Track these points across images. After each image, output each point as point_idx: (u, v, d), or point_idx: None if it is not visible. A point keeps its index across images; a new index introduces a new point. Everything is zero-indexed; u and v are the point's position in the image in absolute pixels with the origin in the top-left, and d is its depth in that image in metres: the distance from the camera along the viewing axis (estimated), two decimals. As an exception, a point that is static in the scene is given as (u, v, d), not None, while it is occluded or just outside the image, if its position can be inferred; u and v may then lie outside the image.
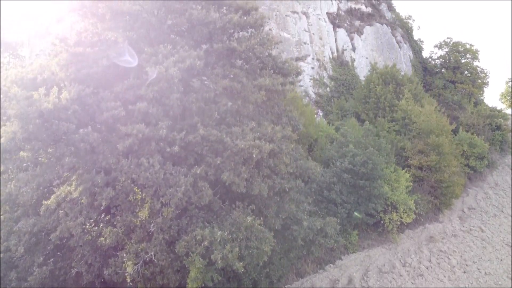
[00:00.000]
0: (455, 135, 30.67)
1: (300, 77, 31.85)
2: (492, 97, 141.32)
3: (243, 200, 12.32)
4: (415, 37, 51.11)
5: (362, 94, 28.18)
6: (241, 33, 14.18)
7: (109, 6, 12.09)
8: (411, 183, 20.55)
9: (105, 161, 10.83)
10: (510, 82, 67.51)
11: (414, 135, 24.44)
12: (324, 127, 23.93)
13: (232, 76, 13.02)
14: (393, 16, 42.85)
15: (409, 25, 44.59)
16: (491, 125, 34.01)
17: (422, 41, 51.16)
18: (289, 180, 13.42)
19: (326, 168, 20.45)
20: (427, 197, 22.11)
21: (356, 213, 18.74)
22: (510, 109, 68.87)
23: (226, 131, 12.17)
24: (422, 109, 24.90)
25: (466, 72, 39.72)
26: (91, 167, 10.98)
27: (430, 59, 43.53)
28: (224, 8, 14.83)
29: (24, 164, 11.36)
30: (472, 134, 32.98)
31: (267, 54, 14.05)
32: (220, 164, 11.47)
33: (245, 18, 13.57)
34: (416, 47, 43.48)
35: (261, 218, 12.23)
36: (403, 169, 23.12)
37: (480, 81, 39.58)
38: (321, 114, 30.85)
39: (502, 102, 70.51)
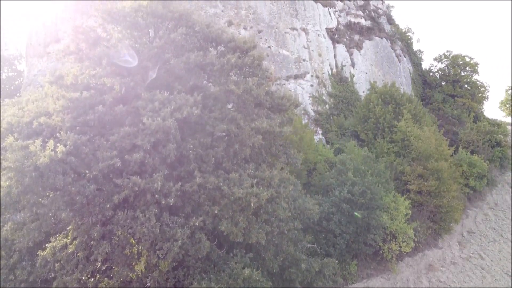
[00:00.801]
0: (455, 153, 30.61)
1: (299, 94, 31.73)
2: (492, 105, 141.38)
3: (241, 248, 12.26)
4: (415, 48, 51.11)
5: (362, 113, 28.09)
6: (239, 71, 14.12)
7: (106, 52, 12.01)
8: (410, 211, 20.46)
9: (101, 213, 10.75)
10: (510, 90, 67.57)
11: (413, 157, 24.36)
12: (323, 151, 23.84)
13: (229, 117, 12.94)
14: (393, 29, 42.77)
15: (409, 37, 44.50)
16: (491, 141, 33.92)
17: (422, 52, 51.06)
18: (287, 222, 13.36)
19: (325, 195, 20.41)
20: (426, 222, 22.04)
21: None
22: (509, 117, 68.87)
23: (223, 177, 12.11)
24: (421, 131, 24.81)
25: (466, 86, 39.62)
26: (87, 219, 10.90)
27: (430, 72, 43.42)
28: (222, 45, 14.79)
29: (21, 214, 11.28)
30: (472, 151, 32.98)
31: (264, 93, 13.96)
32: (217, 213, 11.41)
33: (243, 59, 13.48)
34: (415, 60, 43.40)
35: (259, 261, 12.18)
36: (402, 193, 23.09)
37: (480, 95, 39.51)
38: (320, 132, 30.76)
39: (502, 110, 70.57)
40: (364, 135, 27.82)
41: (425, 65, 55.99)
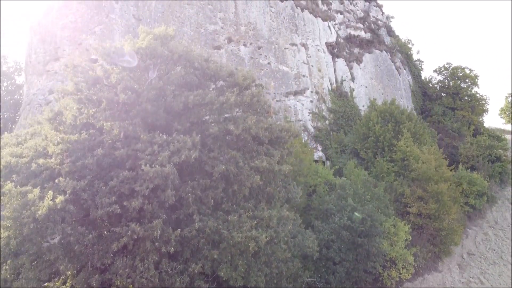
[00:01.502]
0: (455, 170, 30.61)
1: (299, 110, 31.68)
2: (492, 111, 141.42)
3: (240, 291, 12.23)
4: (415, 59, 51.10)
5: (361, 132, 28.07)
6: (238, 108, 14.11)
7: (105, 96, 11.99)
8: (410, 236, 20.43)
9: (100, 261, 10.74)
10: (510, 98, 67.56)
11: (413, 178, 24.35)
12: (323, 173, 23.81)
13: (228, 156, 12.92)
14: (393, 41, 42.73)
15: (409, 48, 44.47)
16: (491, 156, 33.89)
17: (422, 61, 51.08)
18: (287, 262, 13.36)
19: (325, 220, 20.37)
20: (426, 245, 22.01)
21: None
22: (509, 124, 68.87)
23: (223, 219, 12.10)
24: (421, 152, 24.80)
25: (466, 98, 39.59)
26: (86, 267, 10.88)
27: (429, 83, 43.38)
28: (221, 81, 14.77)
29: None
30: (472, 166, 32.98)
31: (263, 130, 13.92)
32: (216, 257, 11.41)
33: (242, 96, 13.47)
34: (415, 72, 43.38)
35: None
36: (402, 215, 23.09)
37: (480, 107, 39.48)
38: (320, 148, 30.74)
39: (501, 117, 70.65)
40: (364, 153, 27.80)
41: (425, 74, 56.05)
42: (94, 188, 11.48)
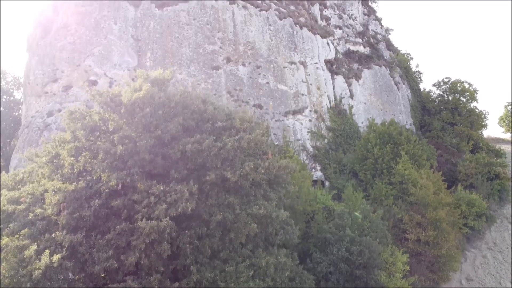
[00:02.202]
0: (453, 189, 30.65)
1: (298, 130, 31.65)
2: (491, 119, 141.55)
3: None
4: (414, 69, 51.13)
5: (360, 153, 28.08)
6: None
7: (102, 147, 11.98)
8: (408, 266, 20.41)
9: (96, 318, 10.75)
10: (510, 107, 67.51)
11: (411, 202, 24.37)
12: (321, 198, 23.79)
13: (225, 203, 12.89)
14: (392, 55, 42.71)
15: (408, 60, 44.45)
16: (490, 173, 33.90)
17: (421, 73, 51.12)
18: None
19: (323, 249, 20.36)
20: (425, 272, 22.01)
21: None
22: (508, 133, 68.84)
23: (220, 268, 12.10)
24: (419, 175, 24.80)
25: (465, 113, 39.57)
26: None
27: (429, 97, 43.33)
28: (219, 122, 14.76)
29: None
30: (470, 184, 33.01)
31: (261, 174, 13.88)
32: (213, 309, 11.42)
33: (240, 142, 13.45)
34: (414, 86, 43.38)
35: None
36: (400, 241, 23.09)
37: (479, 123, 39.48)
38: (319, 168, 30.72)
39: (501, 126, 70.65)
40: (363, 175, 27.83)
41: (424, 85, 55.97)
42: (91, 241, 11.48)
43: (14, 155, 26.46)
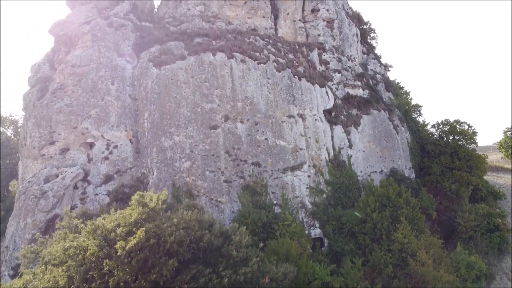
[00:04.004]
0: (451, 246, 30.52)
1: (297, 186, 31.47)
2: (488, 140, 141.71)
3: None
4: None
5: (359, 218, 27.93)
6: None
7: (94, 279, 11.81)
8: None
9: None
10: (509, 132, 67.40)
11: (411, 274, 24.22)
12: (320, 273, 23.62)
13: None
14: (391, 97, 42.54)
15: (406, 105, 44.24)
16: (489, 225, 33.78)
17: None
18: None
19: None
20: None
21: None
22: (508, 159, 68.72)
23: None
24: (419, 245, 24.66)
25: (464, 156, 39.42)
26: None
27: (428, 139, 43.16)
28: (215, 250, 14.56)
29: None
30: (470, 237, 32.89)
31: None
32: None
33: (236, 276, 13.28)
34: (414, 127, 43.21)
35: None
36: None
37: (479, 168, 39.32)
38: (317, 225, 30.55)
39: (500, 151, 70.56)
40: (361, 238, 27.66)
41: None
42: None
43: (11, 222, 26.24)
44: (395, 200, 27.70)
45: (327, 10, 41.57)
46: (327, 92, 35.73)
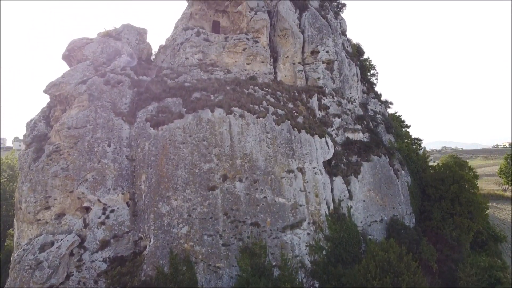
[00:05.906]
0: None
1: (296, 245, 31.10)
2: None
3: None
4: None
5: (360, 283, 27.54)
6: None
7: None
8: None
9: None
10: (510, 159, 67.22)
11: None
12: None
13: None
14: (391, 140, 42.17)
15: (408, 144, 43.91)
16: (491, 278, 33.44)
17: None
18: None
19: None
20: None
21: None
22: (507, 185, 68.49)
23: None
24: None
25: (465, 202, 39.06)
26: None
27: (429, 181, 42.76)
28: None
29: None
30: (472, 292, 32.50)
31: None
32: None
33: None
34: (414, 169, 42.86)
35: None
36: None
37: (479, 214, 39.00)
38: (317, 286, 30.18)
39: (500, 177, 70.39)
40: (362, 304, 27.28)
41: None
42: None
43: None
44: (396, 266, 27.31)
45: (327, 52, 41.13)
46: (326, 142, 35.31)
